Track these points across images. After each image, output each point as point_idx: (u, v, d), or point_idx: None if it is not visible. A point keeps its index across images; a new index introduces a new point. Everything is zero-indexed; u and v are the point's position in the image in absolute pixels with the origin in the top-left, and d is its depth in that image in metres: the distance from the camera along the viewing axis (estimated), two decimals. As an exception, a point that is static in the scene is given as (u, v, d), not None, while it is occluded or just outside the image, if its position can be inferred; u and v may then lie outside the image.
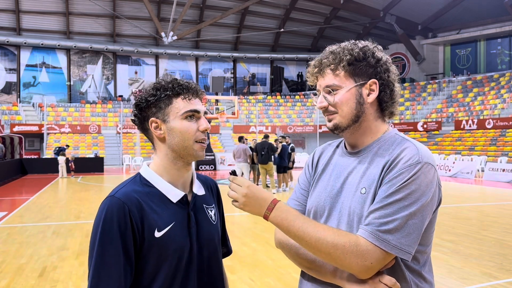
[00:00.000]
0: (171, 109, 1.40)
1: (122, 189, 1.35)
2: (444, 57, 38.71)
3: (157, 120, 1.41)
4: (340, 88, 1.38)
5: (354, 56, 1.37)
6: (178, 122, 1.40)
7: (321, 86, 1.42)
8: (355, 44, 1.41)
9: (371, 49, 1.40)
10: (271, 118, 36.61)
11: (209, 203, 1.54)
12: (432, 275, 1.40)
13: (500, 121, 26.80)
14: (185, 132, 1.40)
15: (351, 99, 1.38)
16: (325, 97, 1.41)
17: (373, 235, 1.24)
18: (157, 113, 1.41)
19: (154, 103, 1.40)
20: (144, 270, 1.34)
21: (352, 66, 1.37)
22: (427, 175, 1.27)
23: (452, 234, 7.39)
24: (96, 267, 1.27)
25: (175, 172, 1.43)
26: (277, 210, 1.32)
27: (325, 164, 1.51)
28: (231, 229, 7.97)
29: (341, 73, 1.38)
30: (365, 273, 1.25)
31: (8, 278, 5.09)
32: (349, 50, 1.38)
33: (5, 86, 35.28)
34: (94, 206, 10.83)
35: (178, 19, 30.99)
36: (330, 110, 1.41)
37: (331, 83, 1.39)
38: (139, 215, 1.31)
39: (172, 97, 1.41)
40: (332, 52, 1.41)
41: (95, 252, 1.28)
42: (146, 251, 1.33)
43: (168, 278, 1.34)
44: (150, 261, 1.33)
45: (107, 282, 1.26)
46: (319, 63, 1.43)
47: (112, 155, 28.82)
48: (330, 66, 1.39)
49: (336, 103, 1.39)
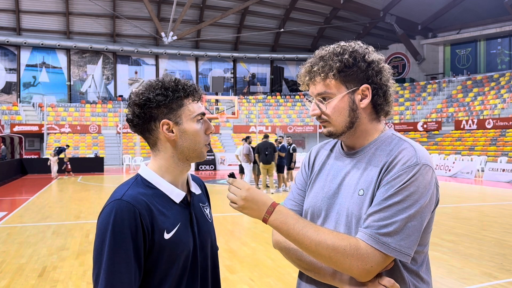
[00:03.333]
0: (183, 111, 1.37)
1: (128, 192, 1.31)
2: (444, 57, 38.70)
3: (169, 122, 1.36)
4: (333, 95, 1.36)
5: (344, 63, 1.34)
6: (191, 124, 1.38)
7: (313, 94, 1.40)
8: (345, 48, 1.37)
9: (361, 53, 1.37)
10: (271, 118, 36.60)
11: (204, 201, 1.55)
12: (429, 275, 1.40)
13: (500, 121, 26.80)
14: (197, 135, 1.39)
15: (344, 107, 1.36)
16: (318, 106, 1.39)
17: (372, 238, 1.24)
18: (168, 114, 1.36)
19: (165, 104, 1.35)
20: (154, 272, 1.32)
21: (342, 73, 1.35)
22: (425, 176, 1.27)
23: (452, 234, 7.39)
24: (107, 272, 1.23)
25: (177, 173, 1.42)
26: (277, 213, 1.31)
27: (321, 165, 1.50)
28: (231, 229, 7.97)
29: (331, 81, 1.36)
30: (365, 276, 1.25)
31: (8, 278, 5.09)
32: (338, 57, 1.35)
33: (5, 86, 35.25)
34: (94, 206, 10.83)
35: (178, 19, 30.97)
36: (324, 118, 1.39)
37: (323, 90, 1.37)
38: (149, 218, 1.29)
39: (184, 99, 1.38)
40: (322, 57, 1.37)
41: (106, 257, 1.23)
42: (156, 254, 1.30)
43: (176, 278, 1.34)
44: (160, 263, 1.31)
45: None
46: (309, 70, 1.40)
47: (112, 155, 28.81)
48: (321, 75, 1.36)
49: (329, 111, 1.37)
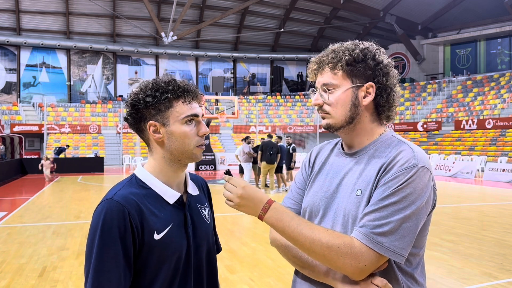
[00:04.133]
0: (171, 112, 1.36)
1: (120, 192, 1.32)
2: (444, 57, 38.70)
3: (156, 123, 1.36)
4: (337, 87, 1.38)
5: (354, 57, 1.36)
6: (178, 126, 1.37)
7: (319, 83, 1.42)
8: (357, 44, 1.40)
9: (372, 51, 1.39)
10: (271, 118, 36.60)
11: (203, 202, 1.53)
12: (424, 278, 1.41)
13: (500, 121, 26.80)
14: (185, 137, 1.37)
15: (346, 100, 1.38)
16: (321, 95, 1.41)
17: (367, 237, 1.24)
18: (156, 115, 1.36)
19: (153, 105, 1.35)
20: (144, 273, 1.32)
21: (350, 66, 1.37)
22: (423, 178, 1.28)
23: (452, 234, 7.39)
24: (96, 271, 1.24)
25: (171, 174, 1.41)
26: (272, 210, 1.32)
27: (321, 164, 1.51)
28: (231, 229, 7.96)
29: (339, 73, 1.38)
30: (358, 275, 1.25)
31: (8, 278, 5.09)
32: (349, 50, 1.37)
33: (5, 86, 35.27)
34: (94, 206, 10.81)
35: (178, 19, 30.97)
36: (325, 108, 1.41)
37: (328, 81, 1.39)
38: (139, 218, 1.29)
39: (173, 100, 1.36)
40: (334, 50, 1.40)
41: (94, 256, 1.25)
42: (146, 254, 1.31)
43: (167, 279, 1.34)
44: (150, 264, 1.32)
45: (107, 286, 1.24)
46: (319, 60, 1.42)
47: (112, 155, 28.81)
48: (329, 65, 1.39)
49: (331, 102, 1.39)
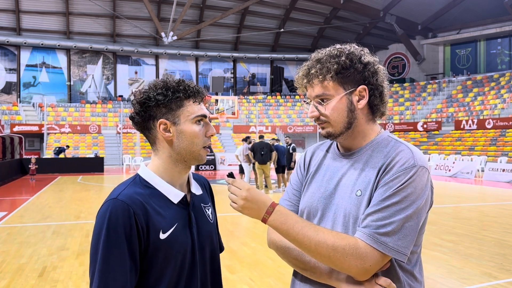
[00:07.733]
0: (182, 111, 1.37)
1: (124, 191, 1.32)
2: (444, 57, 38.70)
3: (166, 122, 1.37)
4: (331, 97, 1.38)
5: (341, 65, 1.36)
6: (188, 125, 1.38)
7: (311, 96, 1.42)
8: (341, 51, 1.40)
9: (358, 55, 1.39)
10: (271, 118, 36.60)
11: (206, 202, 1.54)
12: (422, 275, 1.42)
13: (500, 121, 26.80)
14: (195, 136, 1.38)
15: (342, 108, 1.38)
16: (316, 107, 1.41)
17: (371, 238, 1.25)
18: (167, 114, 1.37)
19: (164, 103, 1.36)
20: (149, 272, 1.32)
21: (340, 74, 1.37)
22: (422, 178, 1.29)
23: (452, 234, 7.39)
24: (102, 271, 1.24)
25: (175, 174, 1.42)
26: (276, 213, 1.32)
27: (317, 165, 1.52)
28: (231, 229, 7.97)
29: (329, 83, 1.38)
30: (363, 275, 1.26)
31: (8, 278, 5.09)
32: (335, 58, 1.37)
33: (5, 86, 35.25)
34: (94, 206, 10.83)
35: (178, 19, 30.96)
36: (322, 119, 1.41)
37: (321, 92, 1.39)
38: (144, 218, 1.29)
39: (184, 99, 1.38)
40: (319, 60, 1.40)
41: (100, 256, 1.24)
42: (151, 254, 1.31)
43: (173, 279, 1.34)
44: (156, 263, 1.32)
45: (113, 287, 1.24)
46: (307, 73, 1.42)
47: (112, 155, 28.81)
48: (318, 77, 1.38)
49: (328, 113, 1.39)
